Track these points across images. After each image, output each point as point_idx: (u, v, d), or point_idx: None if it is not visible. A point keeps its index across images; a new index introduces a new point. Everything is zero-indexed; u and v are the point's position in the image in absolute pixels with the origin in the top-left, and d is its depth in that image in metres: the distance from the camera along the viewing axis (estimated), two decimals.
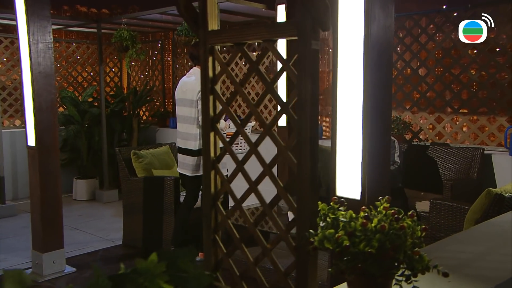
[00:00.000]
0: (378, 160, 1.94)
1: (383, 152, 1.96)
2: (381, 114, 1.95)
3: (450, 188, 4.10)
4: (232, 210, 1.70)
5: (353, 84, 1.94)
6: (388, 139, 2.03)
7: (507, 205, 2.54)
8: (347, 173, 1.99)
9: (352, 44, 1.93)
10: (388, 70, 1.97)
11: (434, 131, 5.27)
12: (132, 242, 4.58)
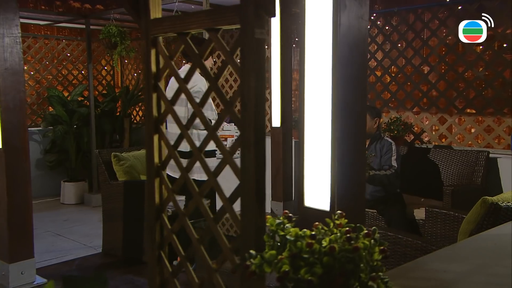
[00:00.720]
0: (350, 166, 1.77)
1: (356, 157, 1.79)
2: (353, 114, 1.78)
3: (451, 194, 3.92)
4: (177, 223, 1.53)
5: (321, 82, 1.77)
6: (362, 142, 1.86)
7: (503, 216, 2.36)
8: (315, 181, 1.82)
9: (320, 37, 1.77)
10: (362, 66, 1.80)
11: (437, 133, 5.08)
12: (112, 251, 4.43)
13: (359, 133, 1.81)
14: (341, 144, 1.74)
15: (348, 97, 1.75)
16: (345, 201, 1.78)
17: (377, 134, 4.42)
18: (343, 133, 1.73)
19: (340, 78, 1.72)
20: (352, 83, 1.77)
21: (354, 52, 1.77)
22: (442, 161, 4.62)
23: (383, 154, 4.35)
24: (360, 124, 1.81)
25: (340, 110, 1.73)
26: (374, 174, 4.16)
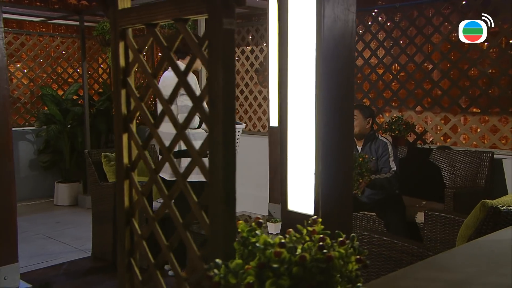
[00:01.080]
0: (335, 167, 1.69)
1: (341, 157, 1.71)
2: (339, 113, 1.70)
3: (452, 197, 3.83)
4: (146, 228, 1.46)
5: (304, 77, 1.69)
6: (349, 142, 1.78)
7: (503, 220, 2.27)
8: (299, 184, 1.74)
9: (303, 29, 1.69)
10: (348, 63, 1.72)
11: (441, 133, 4.99)
12: (102, 255, 4.37)
13: (345, 133, 1.74)
14: (325, 144, 1.66)
15: (333, 94, 1.67)
16: (330, 205, 1.70)
17: (371, 134, 4.33)
18: (327, 133, 1.65)
19: (324, 74, 1.64)
20: (337, 79, 1.69)
21: (340, 46, 1.69)
22: (444, 162, 4.54)
23: (379, 156, 4.26)
24: (346, 123, 1.73)
25: (324, 108, 1.65)
26: (375, 179, 4.07)
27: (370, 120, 4.33)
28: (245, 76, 6.60)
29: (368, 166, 3.97)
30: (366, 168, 3.92)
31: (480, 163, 4.29)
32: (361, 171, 3.90)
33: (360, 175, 3.91)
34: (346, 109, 1.74)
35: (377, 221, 4.21)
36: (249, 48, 6.57)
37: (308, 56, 1.67)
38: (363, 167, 3.91)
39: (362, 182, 3.95)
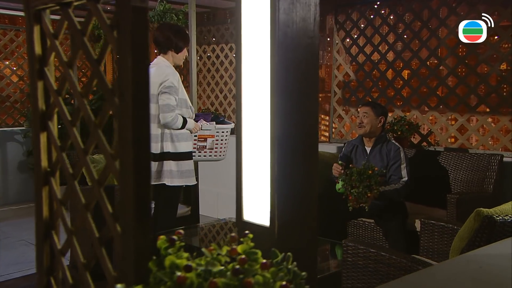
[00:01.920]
0: (295, 172, 1.52)
1: (302, 161, 1.54)
2: (299, 111, 1.53)
3: (455, 204, 3.64)
4: (66, 243, 1.31)
5: (259, 73, 1.52)
6: (312, 144, 1.61)
7: (499, 232, 2.09)
8: (254, 192, 1.57)
9: (257, 25, 1.53)
10: (311, 52, 1.54)
11: (447, 134, 4.79)
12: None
13: (306, 135, 1.57)
14: (281, 145, 1.49)
15: (291, 88, 1.50)
16: (288, 215, 1.53)
17: (382, 136, 4.13)
18: (284, 133, 1.49)
19: (280, 66, 1.48)
20: (296, 71, 1.52)
21: (300, 32, 1.52)
22: (450, 166, 4.34)
23: (390, 161, 4.04)
24: (308, 121, 1.56)
25: (279, 104, 1.48)
26: (383, 192, 3.85)
27: (382, 119, 4.12)
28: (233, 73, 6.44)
29: (380, 179, 3.76)
30: (375, 181, 3.71)
31: (488, 167, 4.08)
32: (369, 184, 3.70)
33: (368, 188, 3.70)
34: (308, 106, 1.56)
35: (375, 229, 4.03)
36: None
37: (262, 46, 1.50)
38: (372, 180, 3.70)
39: (370, 196, 3.73)
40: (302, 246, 1.58)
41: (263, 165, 1.53)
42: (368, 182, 3.64)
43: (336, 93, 5.53)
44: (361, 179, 3.64)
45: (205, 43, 6.91)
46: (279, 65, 1.46)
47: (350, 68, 5.43)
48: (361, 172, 3.66)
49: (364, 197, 3.64)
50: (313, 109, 1.60)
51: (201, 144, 4.04)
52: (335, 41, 5.51)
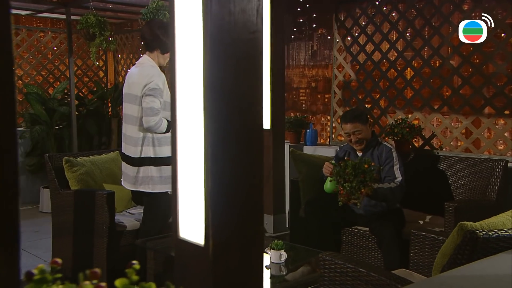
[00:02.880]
0: (233, 184, 1.38)
1: (242, 171, 1.40)
2: (238, 118, 1.39)
3: (454, 213, 3.46)
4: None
5: (193, 71, 1.39)
6: (256, 155, 1.47)
7: (482, 249, 1.92)
8: (190, 206, 1.44)
9: (190, 19, 1.39)
10: (253, 47, 1.41)
11: (450, 137, 4.60)
12: (61, 271, 4.12)
13: (249, 137, 1.43)
14: (216, 153, 1.35)
15: (227, 86, 1.36)
16: (226, 232, 1.39)
17: (372, 140, 3.98)
18: (219, 147, 1.35)
19: (214, 62, 1.34)
20: (234, 68, 1.38)
21: (239, 24, 1.38)
22: (452, 171, 4.15)
23: (382, 163, 3.89)
24: (249, 124, 1.43)
25: (213, 105, 1.35)
26: (377, 188, 3.70)
27: (369, 124, 4.00)
28: None
29: (376, 175, 3.60)
30: (370, 177, 3.55)
31: (492, 173, 3.90)
32: (364, 180, 3.53)
33: (362, 183, 3.53)
34: (251, 109, 1.42)
35: (370, 238, 3.87)
36: None
37: (196, 42, 1.36)
38: (367, 176, 3.54)
39: (363, 193, 3.56)
40: (243, 267, 1.44)
41: (198, 177, 1.39)
42: (362, 177, 3.48)
43: (336, 93, 5.36)
44: (356, 173, 3.48)
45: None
46: (212, 63, 1.32)
47: (351, 67, 5.27)
48: (356, 166, 3.50)
49: (357, 192, 3.48)
50: (257, 113, 1.45)
51: None
52: (335, 39, 5.35)
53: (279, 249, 3.09)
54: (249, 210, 1.43)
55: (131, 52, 8.12)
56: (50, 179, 4.10)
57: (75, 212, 3.92)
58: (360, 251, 3.95)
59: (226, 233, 1.38)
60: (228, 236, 1.38)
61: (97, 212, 3.76)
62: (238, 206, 1.40)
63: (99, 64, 8.40)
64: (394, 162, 3.85)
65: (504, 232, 1.98)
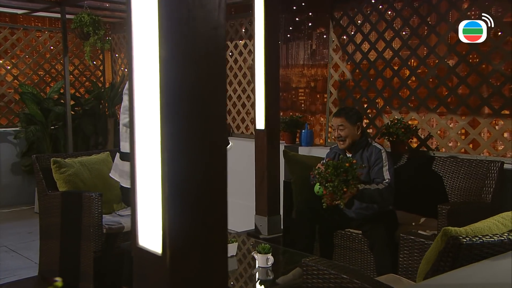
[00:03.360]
0: (190, 195, 1.32)
1: (199, 183, 1.34)
2: (199, 124, 1.33)
3: (447, 215, 3.39)
4: None
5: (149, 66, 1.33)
6: (218, 154, 1.41)
7: (466, 255, 1.86)
8: (148, 213, 1.38)
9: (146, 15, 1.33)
10: (215, 43, 1.35)
11: (447, 138, 4.52)
12: (49, 274, 4.08)
13: (210, 140, 1.36)
14: (173, 156, 1.29)
15: (184, 85, 1.31)
16: (184, 241, 1.33)
17: (362, 141, 3.91)
18: (177, 151, 1.29)
19: (169, 61, 1.28)
20: (194, 66, 1.32)
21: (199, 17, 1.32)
22: (447, 172, 4.08)
23: (372, 165, 3.84)
24: (212, 126, 1.36)
25: (170, 105, 1.29)
26: (363, 189, 3.65)
27: (359, 125, 3.92)
28: (239, 72, 6.26)
29: (357, 173, 3.53)
30: (353, 175, 3.49)
31: (487, 175, 3.82)
32: (346, 178, 3.47)
33: (344, 182, 3.47)
34: (212, 111, 1.36)
35: (363, 241, 3.81)
36: (242, 42, 6.22)
37: (153, 37, 1.30)
38: (349, 174, 3.47)
39: (346, 192, 3.50)
40: (204, 276, 1.37)
41: (155, 183, 1.33)
42: (344, 176, 3.41)
43: (332, 93, 5.30)
44: (337, 173, 3.42)
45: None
46: (167, 61, 1.26)
47: (346, 67, 5.20)
48: (338, 166, 3.44)
49: (339, 192, 3.41)
50: (219, 115, 1.39)
51: None
52: (331, 38, 5.28)
53: (266, 253, 3.03)
54: (211, 217, 1.37)
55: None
56: (38, 180, 4.06)
57: (62, 214, 3.87)
58: (353, 254, 3.88)
59: (185, 241, 1.32)
60: (188, 245, 1.32)
61: (84, 214, 3.71)
62: (198, 213, 1.35)
63: (96, 64, 8.36)
64: (384, 163, 3.79)
65: (489, 238, 1.92)
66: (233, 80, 6.30)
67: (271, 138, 5.16)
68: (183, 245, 1.31)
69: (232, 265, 3.24)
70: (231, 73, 6.33)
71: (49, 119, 6.90)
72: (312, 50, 5.97)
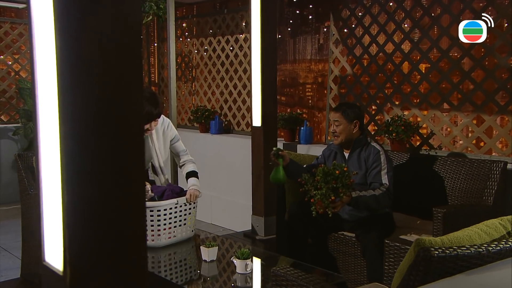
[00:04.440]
0: (95, 208, 1.18)
1: (106, 194, 1.19)
2: (104, 127, 1.19)
3: (442, 219, 3.21)
4: None
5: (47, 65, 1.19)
6: (122, 170, 1.26)
7: (437, 269, 1.69)
8: (54, 227, 1.24)
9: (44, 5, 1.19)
10: (130, 48, 1.20)
11: (450, 136, 4.32)
12: (31, 277, 3.98)
13: (121, 150, 1.22)
14: (73, 167, 1.15)
15: (85, 89, 1.16)
16: (88, 260, 1.19)
17: (361, 139, 3.72)
18: (75, 150, 1.14)
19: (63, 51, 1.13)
20: (89, 63, 1.17)
21: (107, 11, 1.17)
22: (448, 172, 3.88)
23: (369, 167, 3.64)
24: (122, 133, 1.21)
25: (66, 109, 1.14)
26: (357, 197, 3.44)
27: (356, 123, 3.71)
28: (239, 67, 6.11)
29: (348, 181, 3.31)
30: (343, 184, 3.29)
31: (489, 175, 3.62)
32: (336, 186, 3.27)
33: (333, 190, 3.27)
34: (121, 108, 1.21)
35: (356, 244, 3.64)
36: (242, 36, 6.06)
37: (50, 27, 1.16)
38: (338, 182, 3.27)
39: (334, 201, 3.29)
40: None
41: (55, 196, 1.19)
42: (334, 183, 3.23)
43: (332, 89, 5.12)
44: (327, 180, 3.24)
45: (203, 36, 6.61)
46: (64, 54, 1.12)
47: (347, 61, 5.01)
48: (328, 172, 3.26)
49: (326, 200, 3.23)
50: (131, 116, 1.24)
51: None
52: (331, 31, 5.10)
53: (245, 258, 2.88)
54: (120, 233, 1.23)
55: None
56: (20, 179, 3.95)
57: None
58: (346, 259, 3.72)
59: (88, 259, 1.18)
60: (92, 263, 1.18)
61: None
62: (105, 228, 1.20)
63: None
64: (382, 166, 3.59)
65: (465, 249, 1.74)
66: (234, 76, 6.15)
67: (268, 135, 5.00)
68: (86, 264, 1.17)
69: (212, 270, 3.10)
70: (232, 68, 6.18)
71: None
72: (320, 45, 5.80)
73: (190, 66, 6.91)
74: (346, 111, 3.71)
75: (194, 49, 6.78)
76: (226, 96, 6.28)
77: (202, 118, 6.25)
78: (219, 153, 6.03)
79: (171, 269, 3.19)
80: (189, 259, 3.39)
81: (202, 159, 6.24)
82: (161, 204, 3.25)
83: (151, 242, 3.28)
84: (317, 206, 3.27)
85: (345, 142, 3.74)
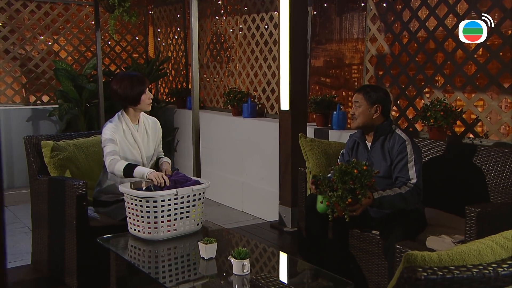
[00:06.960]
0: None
1: None
2: None
3: (476, 220, 2.79)
4: None
5: None
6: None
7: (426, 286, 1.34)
8: None
9: None
10: None
11: (498, 123, 3.83)
12: (39, 264, 3.85)
13: None
14: None
15: None
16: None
17: (384, 125, 3.32)
18: None
19: None
20: None
21: None
22: (491, 165, 3.41)
23: (393, 158, 3.23)
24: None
25: None
26: (381, 197, 3.04)
27: (378, 108, 3.30)
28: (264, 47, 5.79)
29: (369, 181, 2.95)
30: (361, 184, 2.90)
31: None
32: (353, 188, 2.89)
33: (350, 192, 2.90)
34: None
35: (380, 243, 3.27)
36: (276, 14, 5.71)
37: None
38: (357, 183, 2.89)
39: (356, 205, 2.93)
40: None
41: None
42: (351, 183, 2.84)
43: (369, 70, 4.70)
44: (344, 180, 2.86)
45: (237, 14, 6.30)
46: None
47: (385, 40, 4.57)
48: (345, 171, 2.88)
49: (343, 203, 2.85)
50: None
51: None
52: (369, 6, 4.66)
53: (242, 258, 2.58)
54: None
55: (168, 26, 7.78)
56: (28, 164, 3.81)
57: (49, 202, 3.61)
58: (369, 258, 3.36)
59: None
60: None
61: (67, 205, 3.41)
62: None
63: (138, 39, 8.15)
64: (409, 158, 3.17)
65: (465, 270, 1.38)
66: (268, 56, 5.82)
67: (296, 120, 4.66)
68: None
69: (208, 269, 2.82)
70: (266, 47, 5.84)
71: (83, 97, 6.73)
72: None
73: (225, 46, 6.62)
74: (369, 93, 3.32)
75: (230, 28, 6.49)
76: (260, 78, 5.97)
77: (235, 101, 5.97)
78: (250, 137, 5.74)
79: (164, 266, 2.93)
80: (189, 255, 3.12)
81: (233, 143, 5.97)
82: (157, 194, 2.99)
83: (148, 235, 3.03)
84: (337, 210, 2.90)
85: (363, 127, 3.35)
